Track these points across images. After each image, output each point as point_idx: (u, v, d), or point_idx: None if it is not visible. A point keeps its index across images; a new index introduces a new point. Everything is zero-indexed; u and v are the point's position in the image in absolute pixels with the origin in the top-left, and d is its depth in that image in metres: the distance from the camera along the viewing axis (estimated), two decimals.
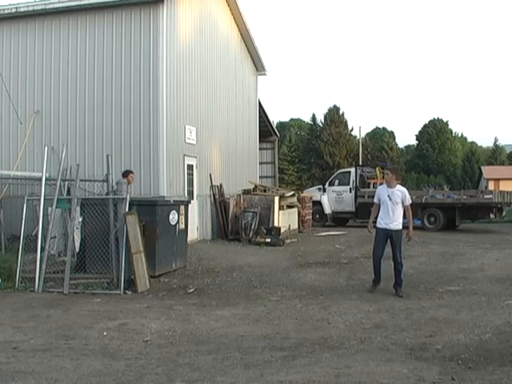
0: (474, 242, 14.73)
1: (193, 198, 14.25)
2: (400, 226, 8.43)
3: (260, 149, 21.80)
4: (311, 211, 19.85)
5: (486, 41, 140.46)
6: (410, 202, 8.56)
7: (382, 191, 8.60)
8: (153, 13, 12.77)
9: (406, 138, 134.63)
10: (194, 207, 13.86)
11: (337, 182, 21.63)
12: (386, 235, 8.37)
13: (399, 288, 8.30)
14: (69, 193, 10.29)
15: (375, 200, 8.71)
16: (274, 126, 26.47)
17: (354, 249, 13.79)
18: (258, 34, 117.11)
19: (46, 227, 9.20)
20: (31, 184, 12.15)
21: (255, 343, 5.68)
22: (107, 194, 9.57)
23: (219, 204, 15.74)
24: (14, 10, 13.33)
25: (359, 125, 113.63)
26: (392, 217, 8.32)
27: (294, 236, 16.65)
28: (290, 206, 17.71)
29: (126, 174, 10.44)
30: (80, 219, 9.63)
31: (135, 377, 4.68)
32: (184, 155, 14.01)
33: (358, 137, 50.55)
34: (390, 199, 8.35)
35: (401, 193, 8.40)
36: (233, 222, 15.77)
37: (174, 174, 13.32)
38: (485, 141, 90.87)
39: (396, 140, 68.46)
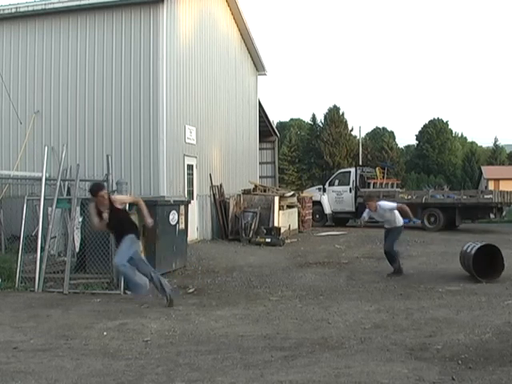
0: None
1: (193, 198, 14.25)
2: (391, 225, 10.14)
3: (260, 149, 21.79)
4: (311, 211, 19.86)
5: (485, 41, 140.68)
6: (395, 204, 10.19)
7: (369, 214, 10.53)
8: (153, 13, 12.78)
9: (406, 137, 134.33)
10: (193, 207, 13.86)
11: (337, 182, 21.61)
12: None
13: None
14: (69, 193, 10.29)
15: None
16: (274, 126, 26.44)
17: (353, 249, 13.80)
18: (258, 34, 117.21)
19: (46, 227, 9.20)
20: (31, 184, 12.16)
21: (255, 343, 5.67)
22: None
23: (219, 204, 15.73)
24: (13, 10, 13.34)
25: (359, 125, 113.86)
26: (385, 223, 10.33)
27: (294, 236, 16.65)
28: (289, 206, 17.71)
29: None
30: (80, 219, 9.62)
31: (135, 377, 4.68)
32: (184, 155, 14.01)
33: (358, 137, 50.62)
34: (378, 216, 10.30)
35: (381, 209, 10.05)
36: (233, 222, 15.76)
37: (174, 174, 13.32)
38: (485, 141, 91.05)
39: (396, 140, 68.45)
